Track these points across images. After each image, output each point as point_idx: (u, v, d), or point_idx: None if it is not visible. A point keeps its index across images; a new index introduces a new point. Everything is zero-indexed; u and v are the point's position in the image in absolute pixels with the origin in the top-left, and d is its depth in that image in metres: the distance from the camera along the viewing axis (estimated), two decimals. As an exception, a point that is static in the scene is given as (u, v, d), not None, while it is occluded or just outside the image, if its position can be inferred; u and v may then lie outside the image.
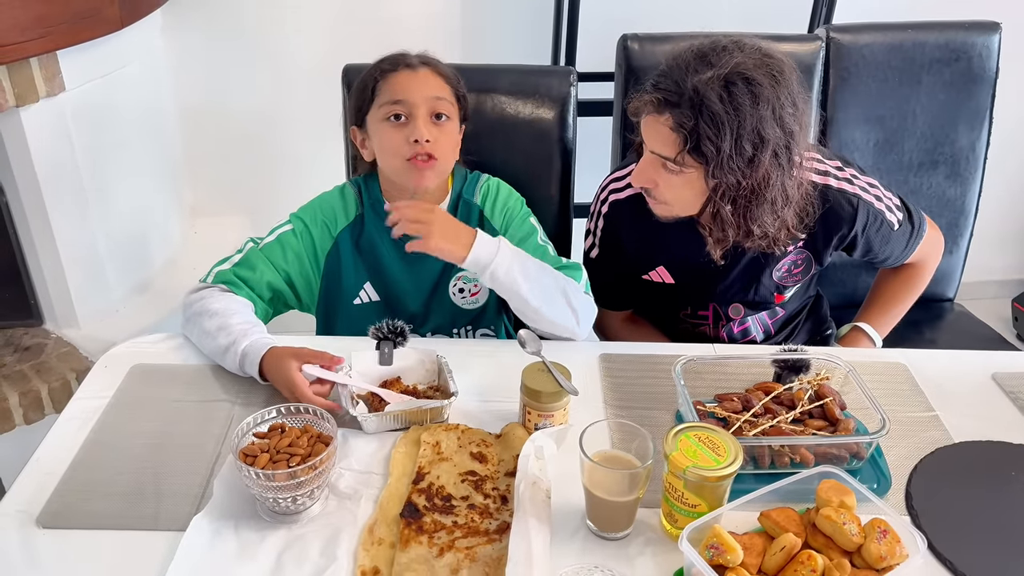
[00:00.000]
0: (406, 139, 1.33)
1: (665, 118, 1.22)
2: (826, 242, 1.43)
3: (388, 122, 1.35)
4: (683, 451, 0.97)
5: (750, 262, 1.44)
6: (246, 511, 1.02)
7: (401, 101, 1.34)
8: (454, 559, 0.96)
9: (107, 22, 1.92)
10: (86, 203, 2.08)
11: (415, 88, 1.35)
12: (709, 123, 1.18)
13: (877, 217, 1.43)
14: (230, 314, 1.29)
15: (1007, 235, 2.98)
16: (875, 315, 1.57)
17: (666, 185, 1.29)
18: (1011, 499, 1.07)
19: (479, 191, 1.48)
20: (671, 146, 1.23)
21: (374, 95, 1.36)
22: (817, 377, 1.18)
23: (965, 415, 1.22)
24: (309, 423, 1.07)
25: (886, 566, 0.91)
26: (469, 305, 1.48)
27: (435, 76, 1.38)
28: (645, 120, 1.27)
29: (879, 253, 1.49)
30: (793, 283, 1.49)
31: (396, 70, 1.36)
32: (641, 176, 1.30)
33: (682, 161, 1.23)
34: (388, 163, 1.39)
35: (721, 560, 0.90)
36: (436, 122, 1.36)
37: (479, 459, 1.12)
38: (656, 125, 1.24)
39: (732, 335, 1.55)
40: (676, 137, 1.22)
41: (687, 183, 1.27)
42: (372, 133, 1.39)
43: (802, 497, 0.99)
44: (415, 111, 1.34)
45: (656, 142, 1.25)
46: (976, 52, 1.83)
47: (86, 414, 1.19)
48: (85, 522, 1.01)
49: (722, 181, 1.23)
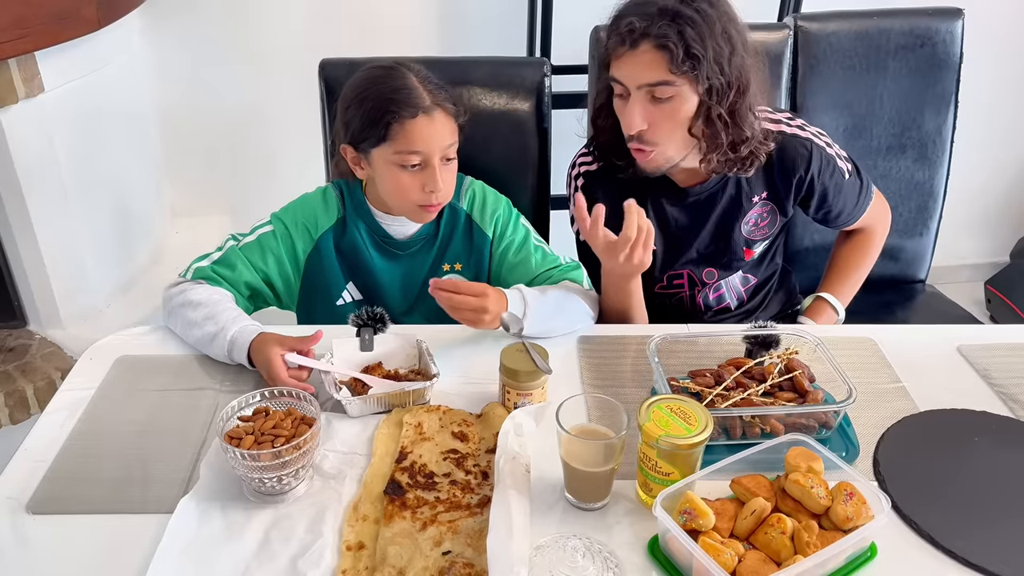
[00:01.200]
0: (420, 187, 1.35)
1: (644, 47, 1.29)
2: (786, 188, 1.51)
3: (403, 168, 1.34)
4: (656, 421, 1.00)
5: (720, 217, 1.51)
6: (232, 493, 1.05)
7: (418, 151, 1.33)
8: (437, 532, 0.99)
9: (85, 23, 1.93)
10: (67, 204, 2.09)
11: (433, 139, 1.33)
12: (691, 27, 1.27)
13: (830, 162, 1.50)
14: (215, 303, 1.31)
15: (979, 219, 3.04)
16: (835, 284, 1.65)
17: (659, 119, 1.34)
18: (972, 462, 1.11)
19: (464, 196, 1.49)
20: (659, 68, 1.29)
21: (387, 135, 1.32)
22: (787, 352, 1.21)
23: (931, 386, 1.26)
24: (293, 406, 1.09)
25: (853, 526, 0.94)
26: None
27: (447, 119, 1.35)
28: (622, 61, 1.32)
29: (833, 205, 1.55)
30: (761, 237, 1.55)
31: (415, 116, 1.31)
32: (634, 120, 1.34)
33: (676, 74, 1.29)
34: (396, 202, 1.40)
35: (694, 524, 0.94)
36: (446, 165, 1.37)
37: (460, 438, 1.15)
38: (637, 58, 1.30)
39: (708, 302, 1.60)
40: (662, 56, 1.28)
41: (677, 108, 1.33)
42: (378, 167, 1.37)
43: (772, 465, 1.02)
44: (431, 160, 1.34)
45: (642, 73, 1.31)
46: (940, 38, 1.88)
47: (73, 405, 1.21)
48: (74, 507, 1.03)
49: (713, 81, 1.31)
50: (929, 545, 0.99)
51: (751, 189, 1.51)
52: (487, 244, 1.49)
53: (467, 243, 1.49)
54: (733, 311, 1.63)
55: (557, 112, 1.76)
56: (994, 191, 3.00)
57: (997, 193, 3.00)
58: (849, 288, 1.65)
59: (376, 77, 1.36)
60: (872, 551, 0.98)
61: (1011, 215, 3.05)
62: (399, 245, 1.46)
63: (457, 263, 1.48)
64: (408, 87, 1.32)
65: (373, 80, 1.36)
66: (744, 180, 1.50)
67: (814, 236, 1.92)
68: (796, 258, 1.93)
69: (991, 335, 1.41)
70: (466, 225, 1.48)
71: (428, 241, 1.47)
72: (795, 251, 1.94)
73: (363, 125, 1.34)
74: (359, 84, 1.36)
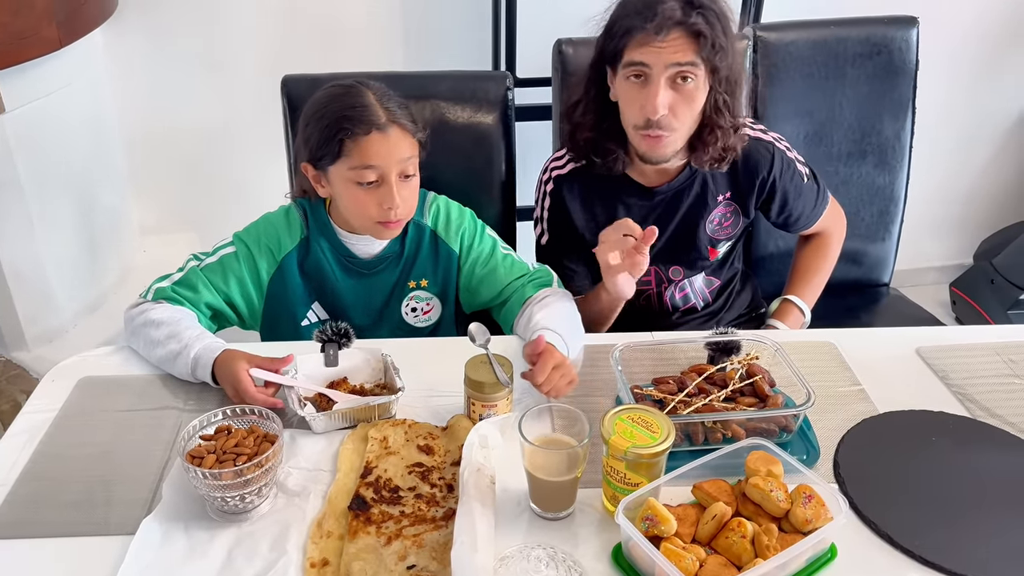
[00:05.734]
0: (378, 203, 1.35)
1: (676, 33, 1.35)
2: (749, 189, 1.56)
3: (359, 185, 1.34)
4: (620, 433, 1.01)
5: (685, 215, 1.56)
6: (196, 512, 1.04)
7: (373, 167, 1.32)
8: (401, 546, 0.99)
9: (46, 42, 1.92)
10: (31, 224, 2.07)
11: (387, 153, 1.32)
12: (717, 20, 1.37)
13: (790, 165, 1.57)
14: (176, 322, 1.31)
15: (942, 222, 3.09)
16: (799, 287, 1.69)
17: (678, 104, 1.39)
18: (930, 462, 1.13)
19: (428, 212, 1.49)
20: (689, 52, 1.36)
21: (340, 152, 1.32)
22: (747, 357, 1.23)
23: (890, 388, 1.28)
24: (255, 424, 1.09)
25: (812, 528, 0.96)
26: (422, 323, 1.51)
27: (403, 135, 1.34)
28: (650, 45, 1.36)
29: (793, 208, 1.60)
30: (724, 237, 1.60)
31: (368, 133, 1.31)
32: (659, 102, 1.38)
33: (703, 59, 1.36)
34: (355, 219, 1.40)
35: (656, 531, 0.94)
36: (404, 181, 1.36)
37: (426, 451, 1.15)
38: (668, 42, 1.35)
39: (675, 302, 1.63)
40: (692, 42, 1.35)
41: (695, 94, 1.39)
42: (336, 184, 1.37)
43: (734, 470, 1.04)
44: (387, 176, 1.33)
45: (673, 55, 1.36)
46: (896, 46, 1.91)
47: (34, 427, 1.20)
48: (36, 531, 1.03)
49: (723, 72, 1.40)
50: (888, 545, 1.01)
51: (716, 188, 1.55)
52: (454, 259, 1.49)
53: (433, 259, 1.49)
54: (700, 311, 1.66)
55: (521, 124, 1.78)
56: (956, 194, 3.05)
57: (959, 196, 3.05)
58: (813, 290, 1.69)
59: (334, 95, 1.36)
60: (832, 552, 0.99)
61: (973, 217, 3.10)
62: (364, 264, 1.46)
63: (423, 279, 1.49)
64: (363, 104, 1.33)
65: (331, 98, 1.36)
66: (709, 179, 1.55)
67: (778, 242, 1.95)
68: (760, 264, 1.96)
69: (950, 336, 1.44)
70: (431, 241, 1.49)
71: (393, 260, 1.47)
72: (759, 257, 1.96)
73: (319, 142, 1.34)
74: (317, 102, 1.37)
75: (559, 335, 1.30)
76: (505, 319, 1.48)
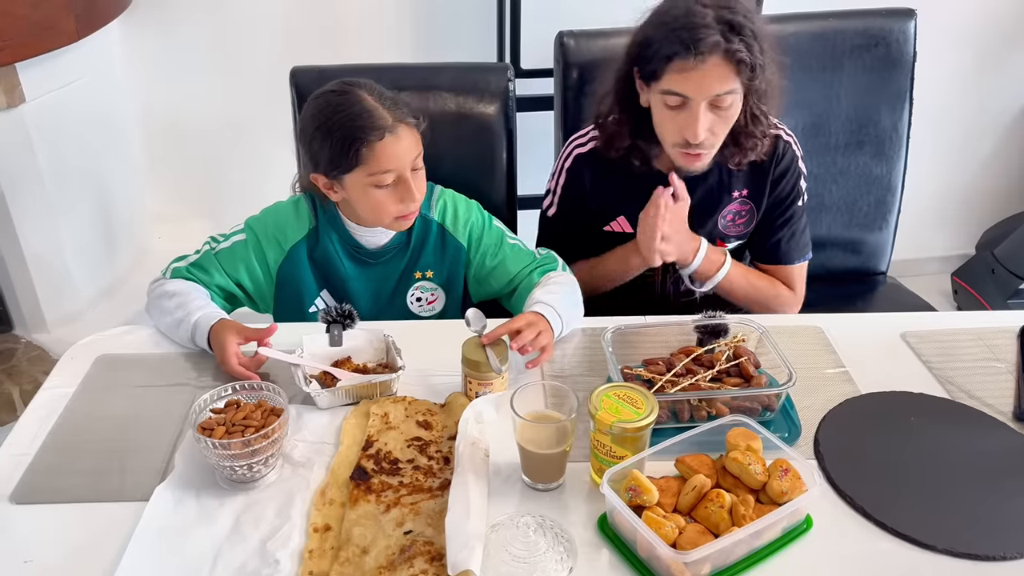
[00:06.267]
0: (398, 200, 1.39)
1: (714, 60, 1.33)
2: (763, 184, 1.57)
3: (377, 188, 1.38)
4: (606, 409, 1.06)
5: (698, 206, 1.55)
6: (206, 481, 1.10)
7: (391, 171, 1.36)
8: (399, 514, 1.05)
9: (64, 34, 1.99)
10: (51, 211, 2.14)
11: (402, 155, 1.36)
12: (753, 40, 1.35)
13: (798, 173, 1.58)
14: (186, 293, 1.39)
15: (944, 213, 3.12)
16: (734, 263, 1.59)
17: (717, 125, 1.41)
18: (908, 441, 1.18)
19: (435, 206, 1.53)
20: (728, 79, 1.36)
21: (359, 161, 1.35)
22: (734, 339, 1.28)
23: (874, 371, 1.32)
24: (263, 398, 1.15)
25: (787, 499, 1.01)
26: (426, 313, 1.57)
27: (410, 131, 1.38)
28: (689, 74, 1.35)
29: (775, 220, 1.60)
30: (735, 235, 1.61)
31: (382, 138, 1.34)
32: (701, 130, 1.39)
33: (742, 83, 1.37)
34: (375, 218, 1.44)
35: (639, 500, 1.00)
36: (416, 174, 1.41)
37: (424, 426, 1.21)
38: (707, 71, 1.34)
39: (677, 291, 1.65)
40: (731, 67, 1.35)
41: (733, 112, 1.41)
42: (352, 190, 1.40)
43: (716, 446, 1.09)
44: (403, 174, 1.38)
45: (713, 85, 1.36)
46: (894, 38, 1.94)
47: (54, 402, 1.26)
48: (55, 497, 1.09)
49: (759, 86, 1.41)
50: (863, 518, 1.06)
51: (731, 183, 1.57)
52: (462, 253, 1.54)
53: (439, 252, 1.54)
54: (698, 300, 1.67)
55: (522, 115, 1.82)
56: (959, 185, 3.08)
57: (962, 187, 3.08)
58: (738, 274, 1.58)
59: (334, 105, 1.36)
60: (808, 523, 1.04)
61: (976, 208, 3.13)
62: (371, 255, 1.52)
63: (428, 271, 1.54)
64: (368, 110, 1.34)
65: (332, 108, 1.36)
66: (726, 174, 1.56)
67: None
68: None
69: (934, 322, 1.48)
70: (439, 235, 1.53)
71: (400, 250, 1.52)
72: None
73: (332, 155, 1.36)
74: (318, 115, 1.37)
75: (552, 307, 1.35)
76: (515, 307, 1.52)
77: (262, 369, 1.30)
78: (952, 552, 1.00)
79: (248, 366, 1.28)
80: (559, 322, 1.35)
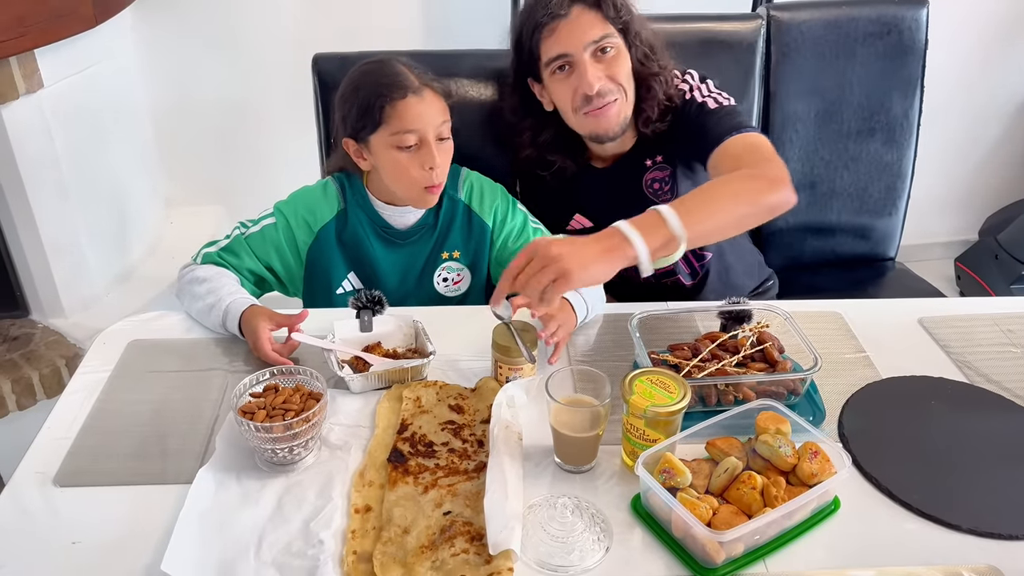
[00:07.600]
0: (420, 165, 1.42)
1: (576, 11, 1.42)
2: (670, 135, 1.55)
3: (401, 150, 1.41)
4: (640, 394, 1.09)
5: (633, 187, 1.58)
6: (246, 464, 1.13)
7: (414, 131, 1.40)
8: (437, 495, 1.08)
9: (82, 20, 1.99)
10: (67, 196, 2.15)
11: (425, 116, 1.40)
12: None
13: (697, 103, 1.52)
14: (216, 278, 1.41)
15: (948, 199, 3.15)
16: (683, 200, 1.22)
17: (612, 69, 1.45)
18: (929, 423, 1.21)
19: (462, 187, 1.56)
20: (597, 24, 1.43)
21: (381, 119, 1.40)
22: (758, 325, 1.30)
23: (893, 355, 1.35)
24: (301, 382, 1.17)
25: (817, 481, 1.04)
26: (452, 293, 1.59)
27: (436, 98, 1.43)
28: (559, 32, 1.43)
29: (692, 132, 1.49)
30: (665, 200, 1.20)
31: (405, 96, 1.39)
32: (591, 78, 1.43)
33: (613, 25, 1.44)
34: (400, 185, 1.46)
35: (672, 482, 1.02)
36: (441, 144, 1.44)
37: (457, 410, 1.23)
38: (574, 23, 1.43)
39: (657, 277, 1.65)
40: (596, 13, 1.43)
41: (620, 61, 1.46)
42: (378, 153, 1.44)
43: (744, 429, 1.12)
44: (426, 138, 1.41)
45: (585, 32, 1.43)
46: (906, 25, 1.96)
47: (90, 386, 1.28)
48: (98, 480, 1.11)
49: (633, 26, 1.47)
50: (888, 499, 1.08)
51: (643, 154, 1.58)
52: (487, 233, 1.56)
53: (466, 232, 1.56)
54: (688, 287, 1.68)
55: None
56: (963, 172, 3.11)
57: (966, 173, 3.11)
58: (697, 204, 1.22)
59: (367, 71, 1.46)
60: (836, 504, 1.07)
61: (979, 194, 3.16)
62: (399, 235, 1.54)
63: (455, 251, 1.56)
64: (396, 72, 1.42)
65: (364, 73, 1.45)
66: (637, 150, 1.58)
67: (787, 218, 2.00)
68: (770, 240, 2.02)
69: (951, 307, 1.51)
70: (465, 215, 1.56)
71: (428, 230, 1.55)
72: (769, 232, 2.03)
73: (359, 114, 1.42)
74: (352, 79, 1.46)
75: (577, 292, 1.38)
76: None
77: (292, 355, 1.33)
78: (976, 531, 1.03)
79: (281, 351, 1.30)
80: (584, 307, 1.37)
